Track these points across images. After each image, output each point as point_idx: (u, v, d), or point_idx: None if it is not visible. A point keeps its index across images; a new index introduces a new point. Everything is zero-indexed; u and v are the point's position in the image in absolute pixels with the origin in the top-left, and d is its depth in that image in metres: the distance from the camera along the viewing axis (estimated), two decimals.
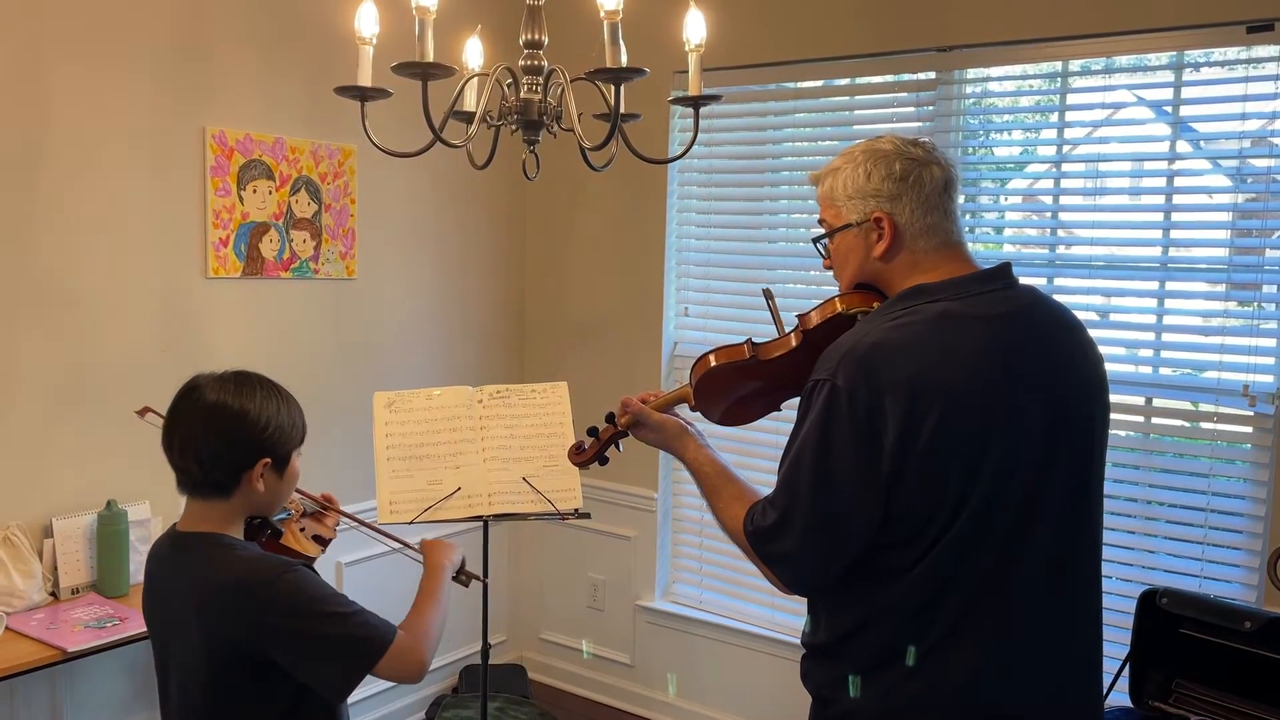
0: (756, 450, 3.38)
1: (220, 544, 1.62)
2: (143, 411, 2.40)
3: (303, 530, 1.85)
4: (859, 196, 1.55)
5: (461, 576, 1.96)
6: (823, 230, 1.63)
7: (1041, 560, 1.45)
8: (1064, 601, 1.49)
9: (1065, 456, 1.47)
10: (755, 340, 1.72)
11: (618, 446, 1.90)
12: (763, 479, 1.57)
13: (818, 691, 1.56)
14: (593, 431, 1.90)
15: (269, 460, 1.64)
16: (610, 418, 1.85)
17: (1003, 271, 1.53)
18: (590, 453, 1.90)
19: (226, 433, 1.61)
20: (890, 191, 1.52)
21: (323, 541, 1.88)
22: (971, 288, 1.49)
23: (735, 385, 1.73)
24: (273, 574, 1.57)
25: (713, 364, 1.72)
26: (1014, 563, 1.44)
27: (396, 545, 2.07)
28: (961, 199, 3.05)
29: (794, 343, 1.65)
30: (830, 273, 1.66)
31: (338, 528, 1.95)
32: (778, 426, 3.18)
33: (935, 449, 1.39)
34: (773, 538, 1.49)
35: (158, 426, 1.65)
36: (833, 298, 1.64)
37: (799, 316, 1.67)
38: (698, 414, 1.79)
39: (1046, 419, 1.45)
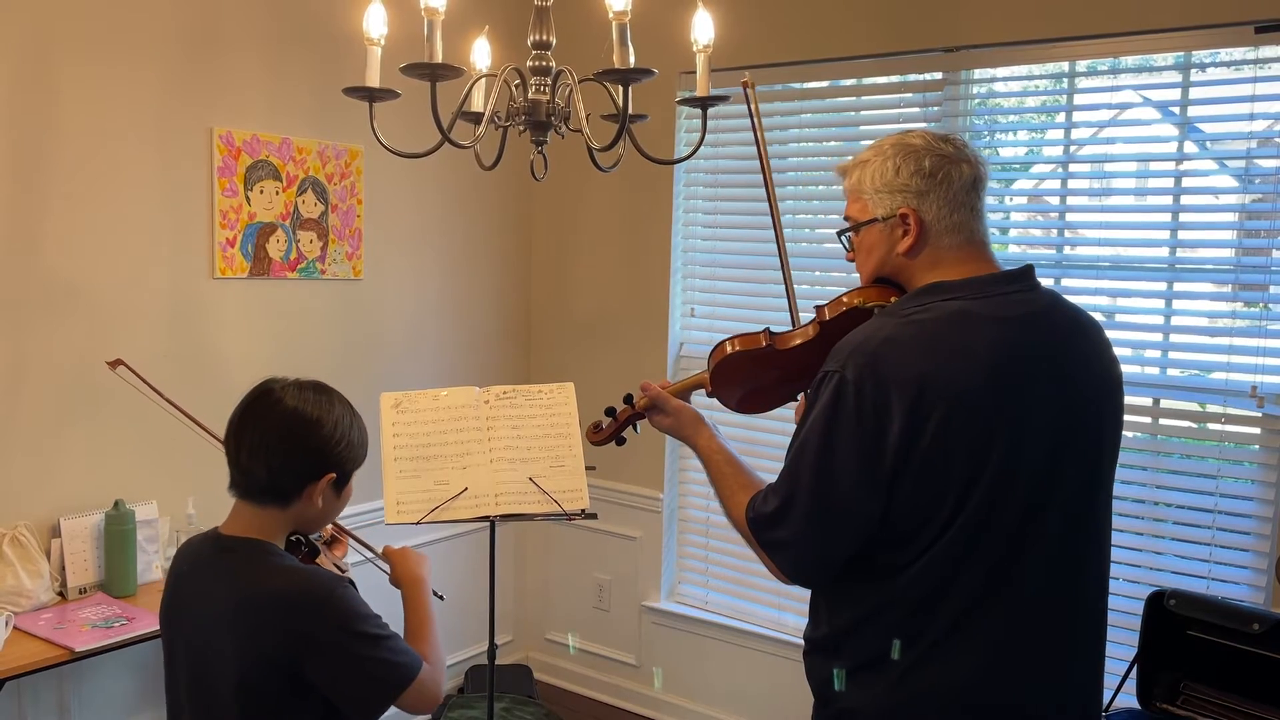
0: (766, 439, 3.37)
1: (269, 552, 1.58)
2: (114, 364, 2.41)
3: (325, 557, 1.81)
4: (887, 191, 1.53)
5: None
6: (847, 224, 1.62)
7: (1044, 561, 1.45)
8: (1067, 602, 1.48)
9: (1074, 459, 1.47)
10: (773, 330, 1.73)
11: (635, 428, 1.92)
12: (771, 468, 1.57)
13: (820, 690, 1.56)
14: (610, 412, 1.92)
15: (334, 476, 1.61)
16: (629, 399, 1.88)
17: (1024, 274, 1.53)
18: (608, 432, 1.93)
19: (302, 440, 1.58)
20: (919, 187, 1.51)
21: (340, 569, 1.83)
22: (990, 288, 1.49)
23: (751, 373, 1.74)
24: (327, 587, 1.55)
25: (729, 351, 1.74)
26: (1016, 563, 1.43)
27: (365, 552, 2.01)
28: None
29: (812, 333, 1.67)
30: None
31: (345, 560, 1.90)
32: (790, 417, 3.17)
33: (939, 447, 1.39)
34: (772, 525, 1.50)
35: (127, 381, 1.62)
36: (852, 290, 1.64)
37: (816, 308, 1.68)
38: (714, 401, 1.81)
39: (1055, 422, 1.44)
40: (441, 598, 2.07)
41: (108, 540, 2.61)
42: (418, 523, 2.43)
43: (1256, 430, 2.67)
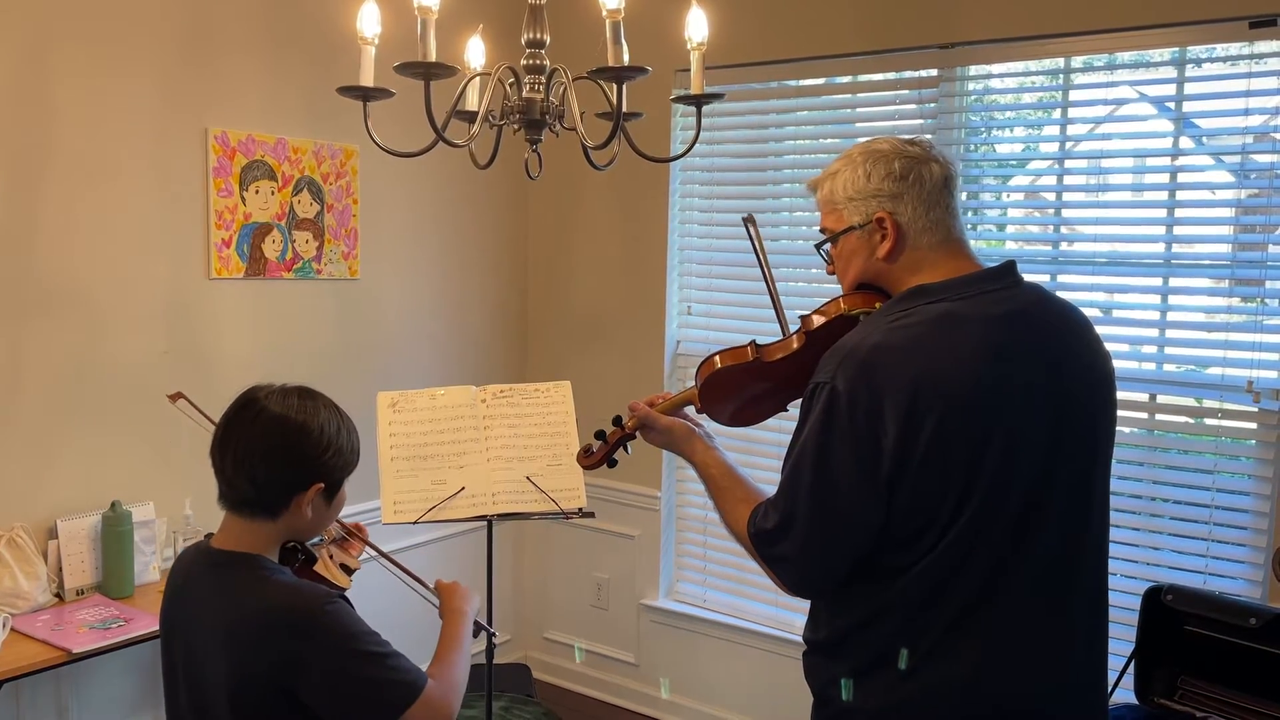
0: (761, 449, 3.38)
1: (259, 567, 1.54)
2: (175, 396, 2.36)
3: (330, 558, 1.78)
4: (860, 198, 1.54)
5: (476, 627, 1.86)
6: (824, 237, 1.62)
7: (1044, 559, 1.45)
8: (1067, 600, 1.48)
9: (1069, 455, 1.47)
10: (759, 342, 1.72)
11: (626, 449, 1.91)
12: (768, 479, 1.57)
13: (820, 690, 1.56)
14: (600, 435, 1.91)
15: (322, 485, 1.56)
16: (618, 421, 1.87)
17: (1007, 270, 1.53)
18: (598, 456, 1.91)
19: (285, 450, 1.53)
20: (892, 190, 1.52)
21: (349, 571, 1.81)
22: (974, 288, 1.48)
23: (740, 387, 1.73)
24: (316, 604, 1.49)
25: (717, 366, 1.73)
26: (1016, 561, 1.43)
27: (414, 585, 2.01)
28: (963, 196, 3.06)
29: (797, 344, 1.66)
30: (834, 276, 1.66)
31: (360, 558, 1.88)
32: (784, 426, 3.16)
33: (935, 451, 1.39)
34: (774, 540, 1.50)
35: (186, 414, 1.58)
36: (836, 298, 1.64)
37: (802, 317, 1.68)
38: (705, 416, 1.80)
39: (1049, 418, 1.44)
40: (490, 632, 2.17)
41: (105, 541, 2.61)
42: (415, 522, 2.44)
43: (1253, 425, 2.67)
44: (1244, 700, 2.40)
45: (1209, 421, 2.73)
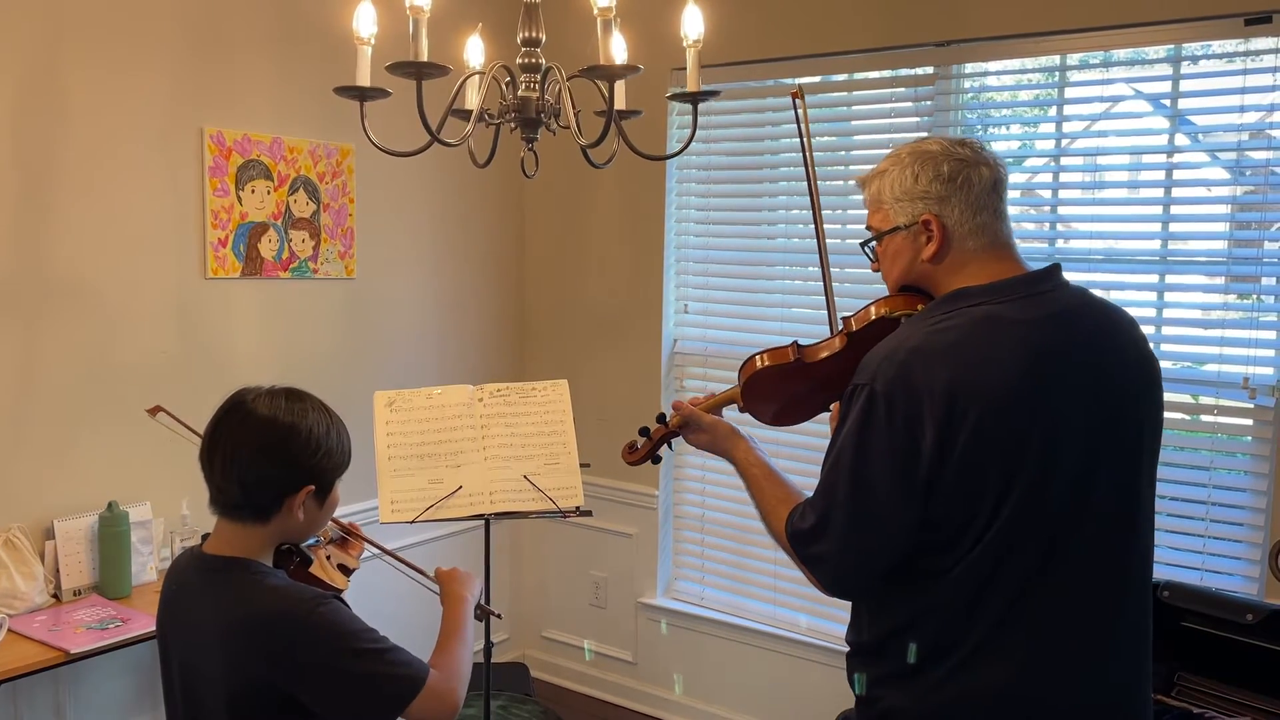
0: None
1: (251, 571, 1.53)
2: (154, 410, 2.38)
3: (329, 559, 1.77)
4: (907, 199, 1.53)
5: (477, 611, 1.86)
6: (870, 234, 1.62)
7: (1083, 562, 1.44)
8: (1106, 602, 1.48)
9: (1111, 458, 1.46)
10: (801, 342, 1.74)
11: (669, 446, 1.94)
12: (809, 481, 1.57)
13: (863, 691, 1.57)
14: (644, 431, 1.94)
15: (313, 487, 1.55)
16: (661, 418, 1.90)
17: (1050, 273, 1.52)
18: (642, 452, 1.96)
19: (274, 453, 1.52)
20: (939, 193, 1.51)
21: (347, 571, 1.80)
22: (1016, 290, 1.48)
23: (782, 387, 1.75)
24: (306, 606, 1.48)
25: (759, 366, 1.76)
26: (1056, 564, 1.43)
27: (414, 575, 2.01)
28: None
29: (839, 345, 1.68)
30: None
31: (361, 557, 1.87)
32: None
33: (973, 453, 1.38)
34: (811, 540, 1.50)
35: (167, 427, 1.58)
36: (878, 300, 1.65)
37: (844, 319, 1.69)
38: (747, 416, 1.82)
39: (1090, 422, 1.43)
40: (496, 615, 2.21)
41: (102, 542, 2.60)
42: (412, 521, 2.43)
43: (1249, 421, 2.68)
44: (1241, 696, 2.40)
45: (1205, 418, 2.73)
